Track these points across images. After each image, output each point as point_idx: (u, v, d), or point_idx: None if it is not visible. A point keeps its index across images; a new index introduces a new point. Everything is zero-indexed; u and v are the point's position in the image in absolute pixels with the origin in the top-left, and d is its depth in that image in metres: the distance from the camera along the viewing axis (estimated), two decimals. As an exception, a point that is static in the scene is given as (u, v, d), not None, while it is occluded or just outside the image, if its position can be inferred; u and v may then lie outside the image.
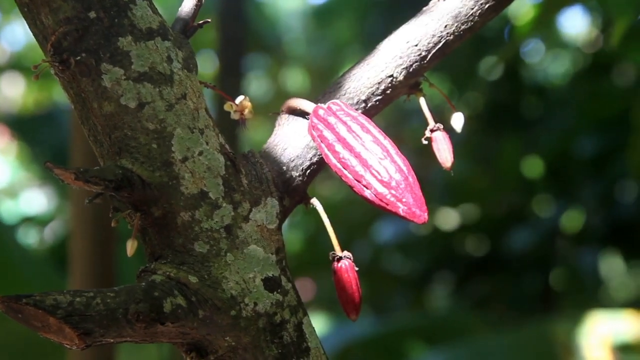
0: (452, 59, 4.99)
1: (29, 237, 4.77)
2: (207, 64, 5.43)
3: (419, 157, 4.75)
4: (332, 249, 1.02)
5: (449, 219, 4.98)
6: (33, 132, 4.09)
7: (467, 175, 4.82)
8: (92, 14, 0.90)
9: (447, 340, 3.53)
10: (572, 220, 4.57)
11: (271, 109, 1.04)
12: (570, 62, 5.21)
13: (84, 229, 2.09)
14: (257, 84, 6.61)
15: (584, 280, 4.53)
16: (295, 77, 6.58)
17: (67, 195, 3.15)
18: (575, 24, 5.23)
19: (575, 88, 4.75)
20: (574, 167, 4.35)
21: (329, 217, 1.03)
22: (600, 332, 2.85)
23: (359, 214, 4.95)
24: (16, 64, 5.23)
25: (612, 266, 4.82)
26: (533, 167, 4.69)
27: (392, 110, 5.55)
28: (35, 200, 5.59)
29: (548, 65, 5.36)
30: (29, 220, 4.85)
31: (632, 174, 3.17)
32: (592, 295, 4.62)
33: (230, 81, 2.99)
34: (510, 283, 4.53)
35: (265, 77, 6.71)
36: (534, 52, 5.23)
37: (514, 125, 4.73)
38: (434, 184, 4.98)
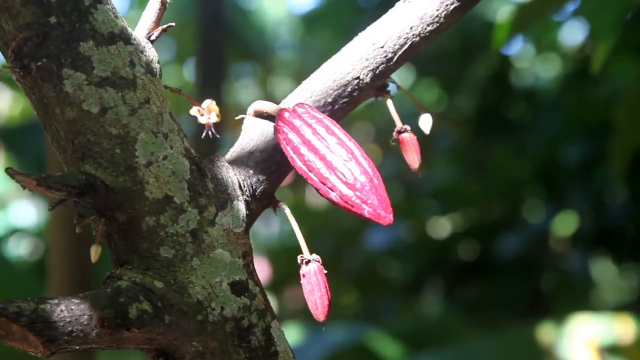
0: (441, 64, 5.01)
1: (18, 249, 4.75)
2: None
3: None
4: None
5: (440, 225, 4.98)
6: (19, 142, 4.08)
7: (458, 180, 4.83)
8: (53, 19, 0.90)
9: (437, 345, 3.53)
10: (562, 224, 4.58)
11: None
12: (560, 66, 5.22)
13: (62, 236, 2.08)
14: (245, 92, 6.61)
15: (575, 284, 4.54)
16: (283, 85, 6.59)
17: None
18: (565, 29, 5.24)
19: (563, 93, 4.76)
20: (563, 172, 4.36)
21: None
22: (587, 334, 2.85)
23: (349, 221, 4.95)
24: (1, 75, 5.21)
25: (603, 269, 4.83)
26: (522, 172, 4.69)
27: (380, 116, 5.56)
28: (25, 211, 5.56)
29: (537, 70, 5.37)
30: (17, 232, 4.83)
31: (615, 176, 3.17)
32: (583, 298, 4.62)
33: (209, 87, 2.98)
34: (501, 288, 4.52)
35: (254, 85, 6.71)
36: (523, 56, 5.24)
37: (502, 130, 4.74)
38: (424, 189, 4.99)
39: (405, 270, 4.87)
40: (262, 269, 5.05)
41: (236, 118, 1.06)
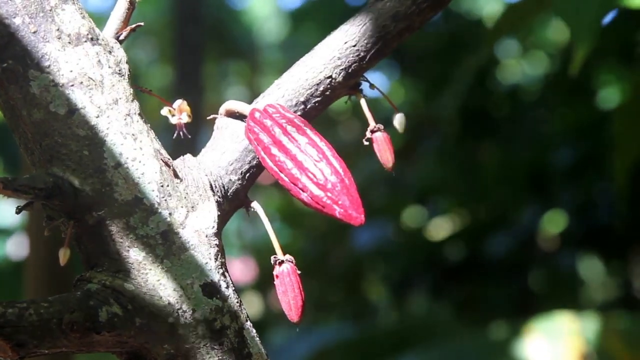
0: (427, 64, 5.00)
1: (2, 249, 4.73)
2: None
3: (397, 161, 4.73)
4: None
5: (428, 225, 4.98)
6: (3, 141, 4.06)
7: (445, 180, 4.83)
8: (18, 20, 0.89)
9: (425, 344, 3.52)
10: (550, 223, 4.58)
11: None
12: (548, 64, 5.22)
13: (39, 237, 2.07)
14: (232, 91, 6.60)
15: (563, 283, 4.54)
16: (270, 83, 6.59)
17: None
18: (552, 25, 5.24)
19: (551, 92, 4.76)
20: (551, 171, 4.36)
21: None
22: (572, 333, 2.85)
23: (336, 220, 4.93)
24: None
25: (591, 268, 4.84)
26: (510, 171, 4.68)
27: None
28: (10, 211, 5.54)
29: (525, 68, 5.37)
30: (2, 232, 4.82)
31: (616, 180, 3.13)
32: (571, 297, 4.62)
33: (187, 86, 2.97)
34: (489, 287, 4.53)
35: (240, 84, 6.70)
36: (509, 54, 5.24)
37: (489, 130, 4.74)
38: (411, 190, 4.98)
39: (394, 270, 4.86)
40: (249, 269, 5.04)
41: (208, 118, 1.05)
